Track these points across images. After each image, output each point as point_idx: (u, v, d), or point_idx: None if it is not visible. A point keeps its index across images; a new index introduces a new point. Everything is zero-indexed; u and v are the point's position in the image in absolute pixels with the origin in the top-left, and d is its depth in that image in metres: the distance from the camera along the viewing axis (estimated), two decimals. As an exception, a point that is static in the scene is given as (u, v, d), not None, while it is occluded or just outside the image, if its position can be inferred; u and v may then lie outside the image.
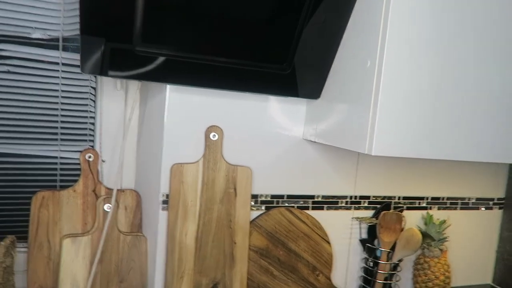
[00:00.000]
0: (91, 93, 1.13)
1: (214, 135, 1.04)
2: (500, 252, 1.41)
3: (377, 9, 0.84)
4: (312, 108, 1.09)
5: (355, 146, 0.88)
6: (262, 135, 1.10)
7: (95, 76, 1.12)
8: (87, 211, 1.10)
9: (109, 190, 1.11)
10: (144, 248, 1.10)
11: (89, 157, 1.10)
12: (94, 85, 1.13)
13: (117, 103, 1.15)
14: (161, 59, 0.88)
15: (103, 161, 1.15)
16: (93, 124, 1.15)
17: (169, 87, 1.00)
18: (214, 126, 1.05)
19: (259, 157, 1.10)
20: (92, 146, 1.15)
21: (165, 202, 1.03)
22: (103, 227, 1.05)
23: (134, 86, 1.15)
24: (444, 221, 1.25)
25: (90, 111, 1.14)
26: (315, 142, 1.11)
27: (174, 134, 1.02)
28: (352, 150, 0.90)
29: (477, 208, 1.38)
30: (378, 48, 0.82)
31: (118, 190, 1.09)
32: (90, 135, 1.15)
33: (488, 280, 1.43)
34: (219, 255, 1.05)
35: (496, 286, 1.41)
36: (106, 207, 1.07)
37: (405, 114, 0.85)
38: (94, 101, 1.14)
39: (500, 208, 1.41)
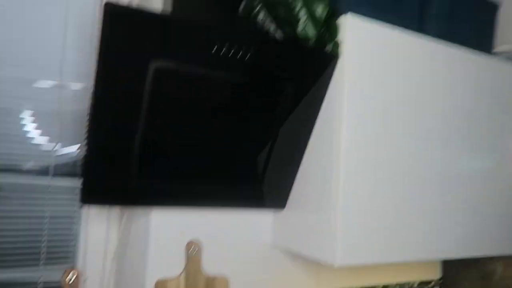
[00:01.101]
0: (76, 216, 1.18)
1: (194, 249, 1.12)
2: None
3: (333, 130, 1.03)
4: (278, 217, 1.23)
5: (319, 255, 1.02)
6: (235, 244, 1.20)
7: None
8: (65, 334, 1.07)
9: (89, 309, 1.12)
10: None
11: (72, 275, 1.11)
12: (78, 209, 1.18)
13: (100, 223, 1.20)
14: (152, 188, 0.99)
15: (85, 279, 1.16)
16: (74, 245, 1.18)
17: (154, 209, 1.09)
18: (193, 241, 1.13)
19: (233, 265, 1.19)
20: (73, 266, 1.17)
21: (150, 319, 1.05)
22: None
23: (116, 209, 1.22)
24: (397, 308, 1.40)
25: (74, 233, 1.18)
26: (283, 249, 1.23)
27: (157, 251, 1.09)
28: (316, 260, 1.03)
29: (421, 291, 1.56)
30: (333, 170, 1.01)
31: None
32: (73, 254, 1.18)
33: None
34: None
35: None
36: (85, 329, 1.07)
37: (364, 226, 1.02)
38: (76, 224, 1.19)
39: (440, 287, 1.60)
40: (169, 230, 1.11)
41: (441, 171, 1.16)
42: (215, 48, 0.89)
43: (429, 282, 1.58)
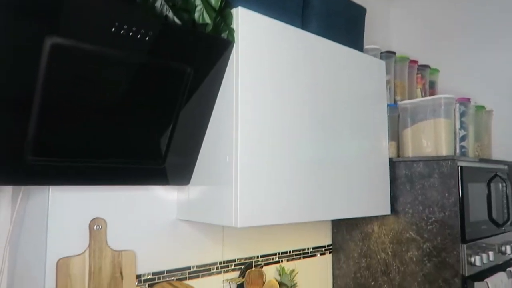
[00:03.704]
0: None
1: (98, 226, 1.15)
2: (334, 287, 1.80)
3: (229, 116, 1.14)
4: (182, 192, 1.32)
5: (224, 221, 1.13)
6: (141, 219, 1.26)
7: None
8: (-44, 324, 1.03)
9: (-18, 297, 1.08)
10: None
11: (-42, 265, 1.06)
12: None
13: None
14: (49, 165, 0.99)
15: (-26, 267, 1.11)
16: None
17: (51, 187, 1.09)
18: (97, 218, 1.16)
19: (139, 240, 1.25)
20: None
21: (51, 298, 1.06)
22: (-23, 338, 1.01)
23: (8, 187, 1.18)
24: (293, 270, 1.58)
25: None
26: (187, 220, 1.32)
27: (57, 230, 1.09)
28: (221, 225, 1.15)
29: (315, 255, 1.77)
30: (233, 147, 1.12)
31: (-7, 295, 1.07)
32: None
33: (330, 313, 1.80)
34: None
35: (336, 316, 1.78)
36: (-19, 315, 1.04)
37: (259, 193, 1.15)
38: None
39: (330, 252, 1.83)
40: (70, 208, 1.12)
41: (325, 148, 1.34)
42: (114, 28, 0.93)
43: (322, 247, 1.80)
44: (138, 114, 1.09)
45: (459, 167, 1.41)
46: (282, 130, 1.22)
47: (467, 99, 1.57)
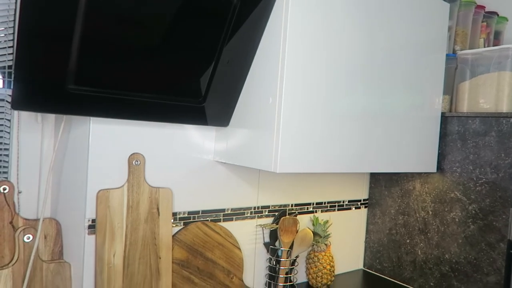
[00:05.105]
0: (5, 125, 1.13)
1: (137, 161, 1.15)
2: (367, 242, 1.78)
3: (276, 55, 1.07)
4: (221, 134, 1.28)
5: (263, 165, 1.09)
6: (178, 158, 1.24)
7: (11, 109, 1.13)
8: (4, 244, 1.08)
9: (27, 220, 1.12)
10: (68, 274, 1.13)
11: (4, 189, 1.10)
12: (9, 117, 1.13)
13: (33, 134, 1.16)
14: (89, 96, 0.97)
15: (19, 192, 1.14)
16: (7, 155, 1.14)
17: (92, 119, 1.08)
18: (136, 153, 1.15)
19: (176, 178, 1.24)
20: (7, 178, 1.14)
21: (91, 227, 1.09)
22: (24, 258, 1.06)
23: (51, 117, 1.19)
24: (327, 221, 1.55)
25: (5, 143, 1.13)
26: (224, 163, 1.30)
27: (98, 162, 1.10)
28: (261, 169, 1.11)
29: (350, 208, 1.73)
30: (277, 88, 1.06)
31: (37, 219, 1.11)
32: (5, 167, 1.14)
33: (360, 266, 1.79)
34: (146, 270, 1.15)
35: (366, 269, 1.77)
36: (26, 238, 1.08)
37: (301, 139, 1.09)
38: (8, 133, 1.14)
39: (365, 207, 1.78)
40: (110, 141, 1.11)
41: (375, 98, 1.25)
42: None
43: (358, 201, 1.75)
44: (180, 49, 1.04)
45: (521, 126, 1.29)
46: (331, 75, 1.14)
47: (540, 51, 1.40)
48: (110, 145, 1.11)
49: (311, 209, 1.60)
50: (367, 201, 1.78)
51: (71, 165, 1.16)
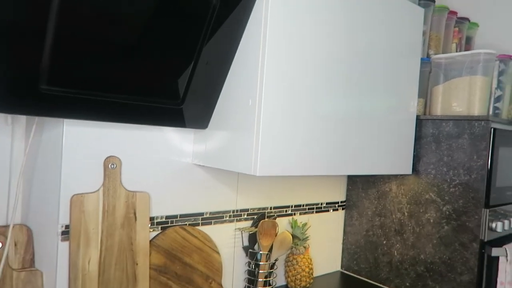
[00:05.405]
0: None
1: (113, 164, 1.12)
2: (345, 243, 1.79)
3: (255, 57, 1.06)
4: (200, 136, 1.26)
5: (243, 168, 1.08)
6: (156, 161, 1.22)
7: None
8: (-30, 252, 1.03)
9: (-5, 227, 1.07)
10: (40, 282, 1.08)
11: (-29, 194, 1.04)
12: (-25, 119, 1.08)
13: (2, 137, 1.11)
14: (63, 96, 0.93)
15: (-13, 197, 1.09)
16: (-26, 159, 1.09)
17: (65, 121, 1.04)
18: (112, 156, 1.12)
19: (154, 182, 1.21)
20: (-27, 183, 1.08)
21: (64, 233, 1.05)
22: (-9, 267, 1.01)
23: (22, 119, 1.14)
24: (305, 224, 1.56)
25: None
26: (203, 166, 1.28)
27: (72, 166, 1.06)
28: (240, 172, 1.10)
29: (328, 210, 1.74)
30: (257, 90, 1.05)
31: (6, 226, 1.06)
32: (-30, 171, 1.09)
33: (338, 267, 1.80)
34: (122, 277, 1.11)
35: (344, 271, 1.78)
36: (-6, 245, 1.03)
37: (282, 141, 1.09)
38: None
39: (343, 209, 1.80)
40: (84, 144, 1.08)
41: (352, 102, 1.26)
42: None
43: (336, 203, 1.77)
44: (157, 49, 1.02)
45: (492, 129, 1.33)
46: (311, 78, 1.14)
47: (509, 57, 1.46)
48: (85, 148, 1.08)
49: (289, 212, 1.60)
50: (344, 203, 1.80)
51: (43, 169, 1.12)
